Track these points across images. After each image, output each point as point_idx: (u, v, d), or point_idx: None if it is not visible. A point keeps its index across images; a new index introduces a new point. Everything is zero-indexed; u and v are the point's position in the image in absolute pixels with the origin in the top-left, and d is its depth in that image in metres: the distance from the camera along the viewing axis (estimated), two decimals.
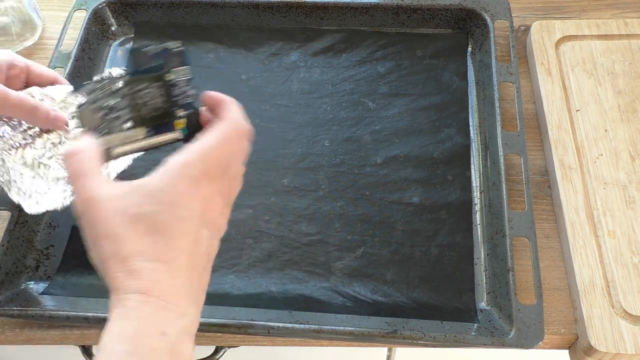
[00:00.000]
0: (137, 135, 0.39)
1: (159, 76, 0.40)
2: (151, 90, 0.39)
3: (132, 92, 0.39)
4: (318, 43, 0.68)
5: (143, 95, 0.39)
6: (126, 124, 0.39)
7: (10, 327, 0.52)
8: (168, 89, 0.40)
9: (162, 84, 0.40)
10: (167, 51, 0.40)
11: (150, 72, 0.39)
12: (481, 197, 0.57)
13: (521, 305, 0.49)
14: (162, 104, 0.40)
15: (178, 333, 0.32)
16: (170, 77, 0.40)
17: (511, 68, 0.61)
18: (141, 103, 0.39)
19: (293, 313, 0.50)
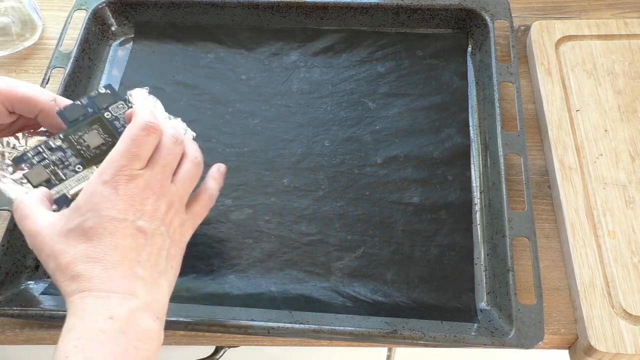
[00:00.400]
0: (89, 174, 0.45)
1: (97, 118, 0.46)
2: (91, 133, 0.46)
3: (73, 141, 0.45)
4: (318, 43, 0.68)
5: (84, 139, 0.45)
6: (77, 167, 0.45)
7: (10, 327, 0.52)
8: (111, 125, 0.46)
9: (102, 124, 0.46)
10: (92, 97, 0.47)
11: (86, 119, 0.46)
12: (481, 197, 0.57)
13: (521, 305, 0.49)
14: (108, 140, 0.46)
15: (129, 313, 0.35)
16: (108, 115, 0.46)
17: (511, 68, 0.61)
18: (85, 146, 0.45)
19: (293, 313, 0.50)
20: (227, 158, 0.60)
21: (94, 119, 0.46)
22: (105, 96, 0.47)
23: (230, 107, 0.63)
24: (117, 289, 0.36)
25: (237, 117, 0.63)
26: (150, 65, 0.67)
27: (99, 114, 0.46)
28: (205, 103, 0.64)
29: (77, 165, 0.45)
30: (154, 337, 0.37)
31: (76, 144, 0.45)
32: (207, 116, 0.63)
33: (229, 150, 0.60)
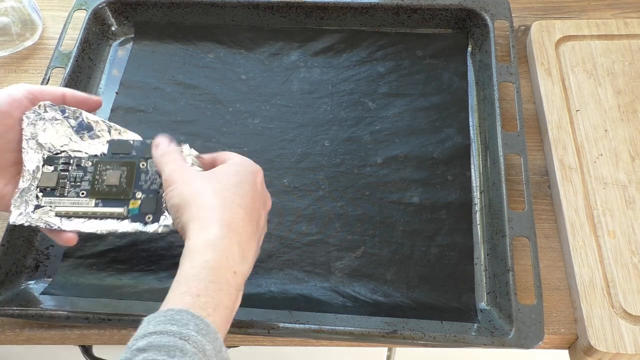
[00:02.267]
0: (85, 203, 0.47)
1: (131, 163, 0.48)
2: (115, 172, 0.48)
3: (97, 170, 0.48)
4: (318, 43, 0.68)
5: (106, 174, 0.48)
6: (82, 192, 0.47)
7: (10, 327, 0.52)
8: (136, 175, 0.48)
9: (130, 169, 0.48)
10: (145, 143, 0.49)
11: (126, 158, 0.49)
12: (481, 197, 0.57)
13: (521, 305, 0.49)
14: (122, 184, 0.47)
15: (242, 275, 0.41)
16: (142, 165, 0.48)
17: (511, 68, 0.61)
18: (100, 180, 0.48)
19: (293, 313, 0.50)
20: None
21: (129, 162, 0.48)
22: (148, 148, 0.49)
23: (230, 107, 0.63)
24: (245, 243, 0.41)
25: (237, 117, 0.63)
26: (150, 65, 0.66)
27: (135, 160, 0.48)
28: (205, 103, 0.64)
29: (82, 191, 0.47)
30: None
31: (97, 173, 0.48)
32: (207, 116, 0.63)
33: (229, 150, 0.60)
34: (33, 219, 0.46)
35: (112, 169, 0.48)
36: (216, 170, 0.45)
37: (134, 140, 0.50)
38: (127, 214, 0.47)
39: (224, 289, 0.38)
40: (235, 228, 0.41)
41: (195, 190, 0.42)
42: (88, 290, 0.52)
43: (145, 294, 0.52)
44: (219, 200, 0.41)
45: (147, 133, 0.62)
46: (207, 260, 0.38)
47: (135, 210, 0.47)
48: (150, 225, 0.46)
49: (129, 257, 0.54)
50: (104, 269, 0.53)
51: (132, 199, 0.47)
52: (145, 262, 0.54)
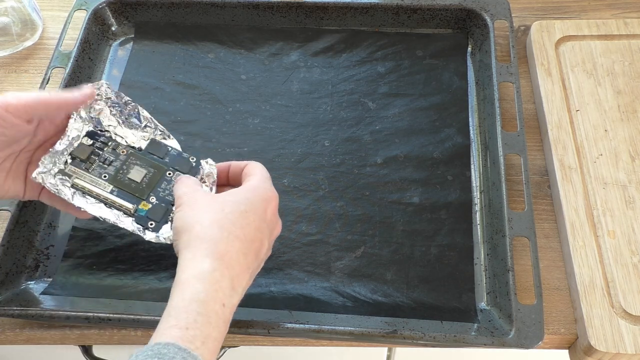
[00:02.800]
0: (102, 185, 0.48)
1: (160, 167, 0.49)
2: (140, 169, 0.49)
3: (126, 162, 0.49)
4: (318, 43, 0.68)
5: (132, 167, 0.49)
6: (104, 175, 0.49)
7: (10, 327, 0.52)
8: (159, 180, 0.49)
9: (156, 173, 0.49)
10: (181, 156, 0.50)
11: (157, 161, 0.50)
12: (481, 197, 0.57)
13: (521, 305, 0.49)
14: (142, 183, 0.48)
15: (231, 307, 0.40)
16: (169, 174, 0.49)
17: (511, 68, 0.61)
18: (125, 171, 0.49)
19: (293, 313, 0.50)
20: (227, 158, 0.59)
21: (158, 166, 0.50)
22: (186, 162, 0.50)
23: (230, 107, 0.63)
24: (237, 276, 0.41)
25: (237, 117, 0.63)
26: (150, 65, 0.66)
27: (166, 167, 0.50)
28: (205, 103, 0.64)
29: (105, 174, 0.49)
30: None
31: (125, 164, 0.49)
32: (207, 116, 0.63)
33: (229, 150, 0.60)
34: (50, 182, 0.47)
35: (140, 166, 0.49)
36: (226, 196, 0.44)
37: (173, 149, 0.51)
38: (134, 212, 0.47)
39: (212, 322, 0.38)
40: (228, 261, 0.40)
41: (195, 217, 0.42)
42: (88, 290, 0.52)
43: (145, 294, 0.52)
44: (215, 231, 0.41)
45: None
46: (197, 293, 0.38)
47: (143, 212, 0.47)
48: (150, 232, 0.47)
49: (129, 257, 0.54)
50: (104, 269, 0.53)
51: (144, 200, 0.48)
52: (145, 262, 0.54)
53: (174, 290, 0.39)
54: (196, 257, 0.40)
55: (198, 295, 0.38)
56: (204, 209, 0.43)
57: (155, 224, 0.47)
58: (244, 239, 0.42)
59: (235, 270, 0.41)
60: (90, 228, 0.56)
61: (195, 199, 0.44)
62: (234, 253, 0.41)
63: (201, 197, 0.44)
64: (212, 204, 0.43)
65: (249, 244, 0.42)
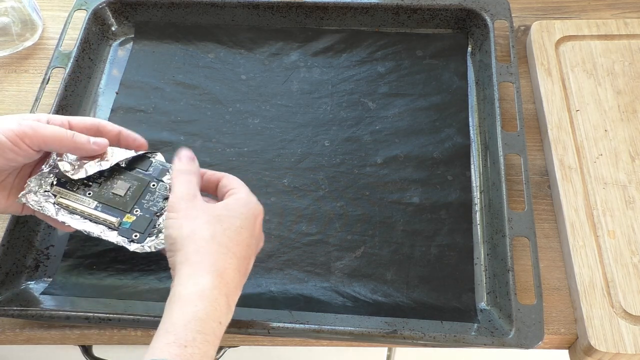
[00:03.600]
0: (87, 202, 0.48)
1: (144, 179, 0.50)
2: (125, 184, 0.49)
3: (112, 175, 0.49)
4: (318, 43, 0.68)
5: (117, 182, 0.49)
6: (88, 192, 0.49)
7: (10, 327, 0.52)
8: (143, 192, 0.49)
9: (140, 186, 0.49)
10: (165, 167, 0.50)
11: (141, 174, 0.50)
12: (481, 197, 0.57)
13: (521, 305, 0.49)
14: (125, 197, 0.49)
15: (225, 324, 0.40)
16: (153, 185, 0.49)
17: (511, 68, 0.61)
18: (109, 186, 0.49)
19: (293, 313, 0.50)
20: (227, 158, 0.60)
21: (142, 178, 0.50)
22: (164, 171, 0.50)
23: (230, 107, 0.63)
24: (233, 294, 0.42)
25: (237, 117, 0.63)
26: (150, 65, 0.66)
27: (148, 179, 0.50)
28: (205, 103, 0.64)
29: (89, 192, 0.49)
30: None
31: (109, 180, 0.49)
32: (207, 116, 0.63)
33: (229, 150, 0.60)
34: (34, 200, 0.47)
35: (124, 180, 0.49)
36: (222, 210, 0.44)
37: (156, 161, 0.51)
38: (119, 226, 0.47)
39: (209, 340, 0.38)
40: (226, 278, 0.41)
41: (193, 231, 0.42)
42: (88, 290, 0.52)
43: (145, 294, 0.52)
44: (215, 247, 0.41)
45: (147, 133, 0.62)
46: (197, 311, 0.38)
47: (127, 225, 0.47)
48: (134, 244, 0.47)
49: (129, 257, 0.54)
50: (104, 269, 0.53)
51: (128, 213, 0.48)
52: (145, 262, 0.54)
53: (172, 305, 0.39)
54: (196, 273, 0.40)
55: (198, 313, 0.38)
56: (202, 222, 0.42)
57: (139, 235, 0.47)
58: (239, 256, 0.42)
59: (231, 287, 0.41)
60: None
61: (193, 207, 0.43)
62: (231, 270, 0.41)
63: (199, 207, 0.43)
64: (209, 218, 0.43)
65: (243, 261, 0.43)
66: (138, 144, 0.51)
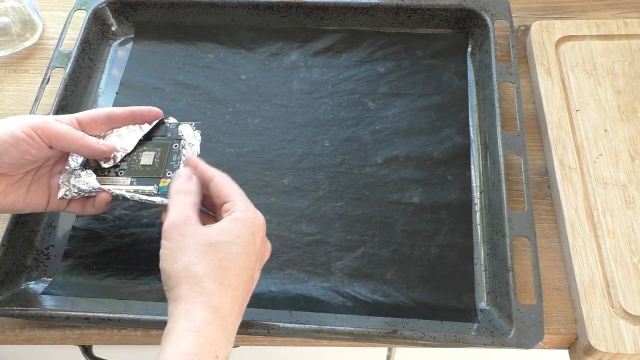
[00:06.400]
0: (122, 181, 0.50)
1: (165, 144, 0.51)
2: (150, 153, 0.51)
3: (135, 150, 0.51)
4: (318, 43, 0.68)
5: (142, 154, 0.51)
6: (119, 172, 0.50)
7: (10, 327, 0.52)
8: (168, 155, 0.51)
9: (164, 150, 0.51)
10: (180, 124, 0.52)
11: (162, 140, 0.52)
12: (481, 197, 0.57)
13: (521, 305, 0.49)
14: (155, 164, 0.50)
15: (225, 357, 0.40)
16: (175, 146, 0.51)
17: (511, 68, 0.61)
18: (137, 160, 0.51)
19: (293, 313, 0.50)
20: (227, 158, 0.60)
21: (163, 144, 0.51)
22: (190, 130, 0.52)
23: (230, 107, 0.63)
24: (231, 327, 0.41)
25: (237, 117, 0.63)
26: (150, 65, 0.67)
27: (169, 142, 0.51)
28: (205, 103, 0.64)
29: (120, 171, 0.51)
30: None
31: (134, 154, 0.51)
32: (207, 116, 0.63)
33: (229, 150, 0.60)
34: (75, 187, 0.49)
35: (148, 150, 0.51)
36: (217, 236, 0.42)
37: (170, 123, 0.53)
38: (158, 191, 0.49)
39: None
40: (223, 312, 0.40)
41: (187, 266, 0.40)
42: (88, 290, 0.52)
43: (145, 294, 0.52)
44: (209, 283, 0.40)
45: None
46: (191, 346, 0.38)
47: (164, 189, 0.49)
48: None
49: (129, 257, 0.54)
50: (104, 269, 0.53)
51: (162, 178, 0.50)
52: (145, 262, 0.54)
53: (166, 340, 0.38)
54: (190, 310, 0.39)
55: (191, 348, 0.37)
56: (196, 255, 0.41)
57: None
58: (237, 286, 0.41)
59: (229, 320, 0.40)
60: (90, 228, 0.56)
61: (185, 237, 0.42)
62: (228, 304, 0.40)
63: (191, 235, 0.42)
64: (203, 248, 0.41)
65: (243, 287, 0.42)
66: (154, 115, 0.52)
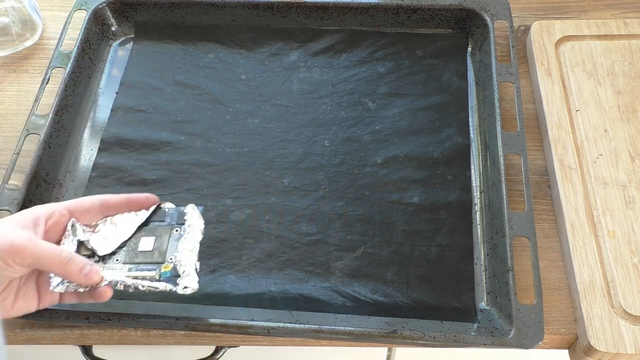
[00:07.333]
0: (118, 268, 0.47)
1: (166, 228, 0.49)
2: (149, 238, 0.48)
3: (134, 235, 0.48)
4: (318, 43, 0.68)
5: (140, 240, 0.48)
6: (115, 260, 0.47)
7: (10, 327, 0.52)
8: (169, 240, 0.48)
9: (164, 236, 0.48)
10: (179, 210, 0.50)
11: (161, 225, 0.49)
12: (481, 197, 0.57)
13: (521, 305, 0.49)
14: (154, 251, 0.48)
15: None
16: (176, 231, 0.49)
17: (511, 68, 0.61)
18: (135, 247, 0.48)
19: (293, 313, 0.50)
20: (227, 158, 0.60)
21: (163, 228, 0.49)
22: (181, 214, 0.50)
23: (230, 107, 0.63)
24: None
25: (237, 117, 0.63)
26: (150, 65, 0.67)
27: (169, 227, 0.49)
28: (205, 103, 0.64)
29: (116, 259, 0.47)
30: None
31: (132, 241, 0.48)
32: (207, 116, 0.63)
33: (229, 150, 0.60)
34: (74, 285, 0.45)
35: (146, 236, 0.48)
36: None
37: (169, 209, 0.50)
38: (160, 277, 0.46)
39: None
40: None
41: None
42: None
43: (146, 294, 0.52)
44: None
45: (147, 133, 0.62)
46: None
47: (167, 274, 0.46)
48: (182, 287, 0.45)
49: None
50: None
51: (165, 263, 0.47)
52: None
53: None
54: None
55: None
56: None
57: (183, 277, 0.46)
58: None
59: None
60: None
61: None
62: None
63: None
64: None
65: None
66: (150, 201, 0.50)
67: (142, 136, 0.61)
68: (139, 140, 0.61)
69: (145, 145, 0.61)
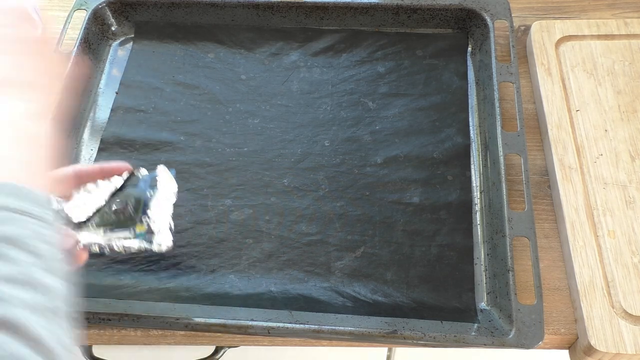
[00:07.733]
0: (93, 232, 0.47)
1: (140, 193, 0.49)
2: (122, 203, 0.48)
3: (108, 201, 0.49)
4: (318, 43, 0.68)
5: (113, 204, 0.48)
6: (91, 223, 0.48)
7: None
8: (143, 203, 0.48)
9: (138, 199, 0.49)
10: (152, 175, 0.50)
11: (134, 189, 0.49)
12: (481, 197, 0.57)
13: (521, 305, 0.49)
14: (129, 213, 0.48)
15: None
16: (149, 195, 0.49)
17: (511, 68, 0.61)
18: (109, 211, 0.48)
19: (293, 313, 0.50)
20: (227, 158, 0.60)
21: (137, 192, 0.49)
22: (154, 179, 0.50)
23: (230, 107, 0.63)
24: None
25: (237, 117, 0.63)
26: (150, 65, 0.67)
27: (143, 191, 0.49)
28: (205, 103, 0.64)
29: (91, 223, 0.48)
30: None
31: (106, 206, 0.48)
32: (207, 116, 0.63)
33: (229, 150, 0.60)
34: None
35: (121, 200, 0.49)
36: None
37: (143, 175, 0.50)
38: (134, 236, 0.47)
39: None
40: None
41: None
42: (88, 290, 0.52)
43: (145, 294, 0.52)
44: None
45: (147, 133, 0.62)
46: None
47: (142, 235, 0.47)
48: (156, 244, 0.47)
49: (128, 257, 0.54)
50: (104, 268, 0.53)
51: (138, 223, 0.48)
52: (145, 262, 0.54)
53: None
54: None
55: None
56: None
57: (157, 235, 0.47)
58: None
59: None
60: None
61: None
62: None
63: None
64: None
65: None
66: (124, 169, 0.50)
67: (142, 136, 0.61)
68: (138, 140, 0.61)
69: (145, 145, 0.61)
